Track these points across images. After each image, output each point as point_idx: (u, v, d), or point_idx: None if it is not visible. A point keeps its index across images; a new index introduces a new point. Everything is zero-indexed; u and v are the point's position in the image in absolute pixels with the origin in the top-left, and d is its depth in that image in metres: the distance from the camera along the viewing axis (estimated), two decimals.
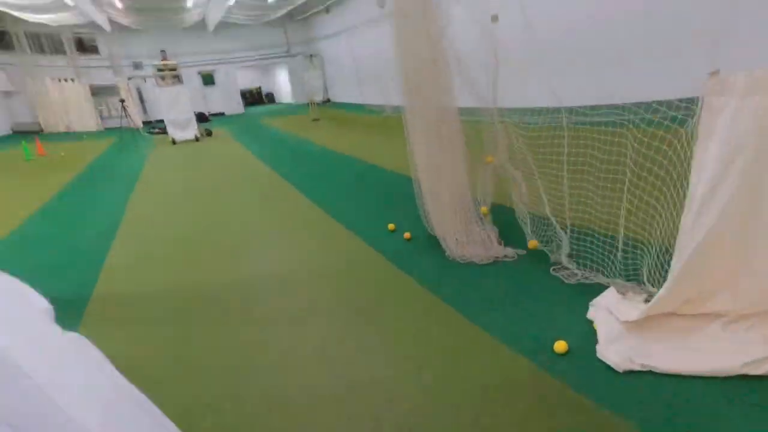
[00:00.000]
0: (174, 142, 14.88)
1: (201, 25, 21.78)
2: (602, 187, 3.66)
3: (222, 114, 24.79)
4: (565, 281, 3.50)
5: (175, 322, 3.76)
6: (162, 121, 16.01)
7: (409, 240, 4.84)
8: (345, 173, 8.64)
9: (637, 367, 2.47)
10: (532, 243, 4.16)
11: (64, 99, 20.23)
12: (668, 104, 2.77)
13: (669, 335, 2.65)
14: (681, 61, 7.07)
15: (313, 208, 6.47)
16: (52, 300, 1.51)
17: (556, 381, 2.49)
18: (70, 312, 3.88)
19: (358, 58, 18.51)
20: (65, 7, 14.87)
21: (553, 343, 2.72)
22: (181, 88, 14.96)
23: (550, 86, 3.66)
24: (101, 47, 21.72)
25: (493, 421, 2.28)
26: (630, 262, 3.30)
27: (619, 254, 3.36)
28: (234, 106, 25.22)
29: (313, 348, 3.17)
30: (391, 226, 5.20)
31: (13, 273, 1.40)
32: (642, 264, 3.18)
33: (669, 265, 2.71)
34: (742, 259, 2.49)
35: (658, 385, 2.34)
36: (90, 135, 19.18)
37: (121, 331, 3.65)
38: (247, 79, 28.41)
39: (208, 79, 24.76)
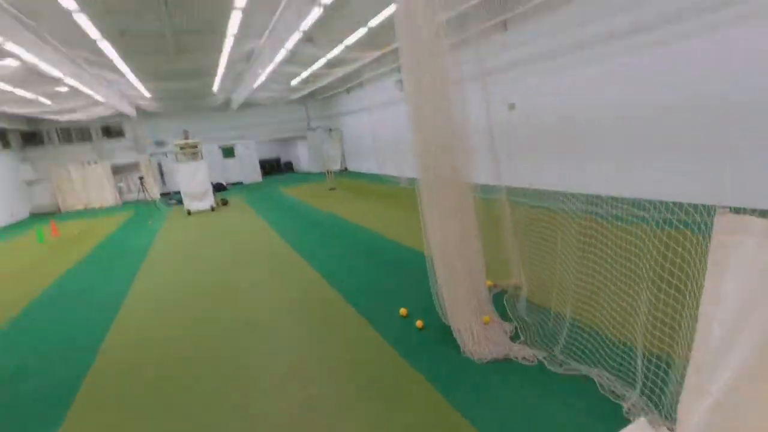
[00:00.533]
0: (189, 213, 15.05)
1: (225, 105, 22.70)
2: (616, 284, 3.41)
3: (240, 183, 25.31)
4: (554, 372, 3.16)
5: (176, 397, 3.47)
6: (179, 192, 16.29)
7: (421, 329, 4.55)
8: (358, 246, 8.46)
9: None
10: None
11: (84, 179, 20.94)
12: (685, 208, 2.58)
13: None
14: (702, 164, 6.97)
15: (325, 287, 6.25)
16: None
17: None
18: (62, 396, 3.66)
19: (377, 132, 18.98)
20: (96, 104, 15.66)
21: None
22: (199, 164, 15.32)
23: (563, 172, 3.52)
24: (126, 131, 22.69)
25: None
26: (651, 377, 2.97)
27: (639, 362, 3.03)
28: (252, 175, 25.79)
29: None
30: (403, 311, 4.95)
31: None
32: (666, 385, 2.84)
33: None
34: None
35: None
36: (108, 210, 19.62)
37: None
38: (267, 150, 29.20)
39: (228, 152, 25.51)
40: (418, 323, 4.61)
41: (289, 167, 30.19)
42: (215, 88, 17.53)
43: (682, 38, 7.23)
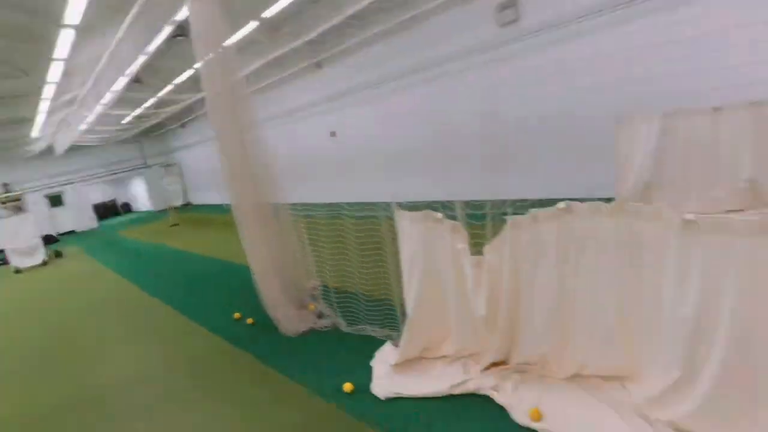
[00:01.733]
0: (18, 271, 14.17)
1: (48, 150, 21.18)
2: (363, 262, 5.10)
3: (73, 231, 23.63)
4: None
5: None
6: (2, 251, 15.13)
7: (252, 324, 5.81)
8: (198, 271, 9.50)
9: (392, 395, 3.75)
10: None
11: None
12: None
13: (414, 372, 4.01)
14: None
15: (169, 311, 7.20)
16: None
17: (348, 415, 3.61)
18: None
19: (215, 164, 19.49)
20: None
21: (342, 385, 3.92)
22: (24, 216, 14.56)
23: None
24: None
25: None
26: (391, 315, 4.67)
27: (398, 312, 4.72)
28: (86, 221, 24.19)
29: (181, 423, 4.05)
30: (236, 314, 6.15)
31: None
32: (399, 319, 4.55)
33: None
34: (446, 323, 3.95)
35: (404, 405, 3.62)
36: None
37: None
38: (101, 193, 27.62)
39: (55, 201, 23.66)
40: (249, 320, 5.89)
41: (126, 208, 28.83)
42: (34, 134, 16.63)
43: (457, 74, 9.67)
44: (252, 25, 9.97)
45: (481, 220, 3.80)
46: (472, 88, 9.49)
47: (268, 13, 9.66)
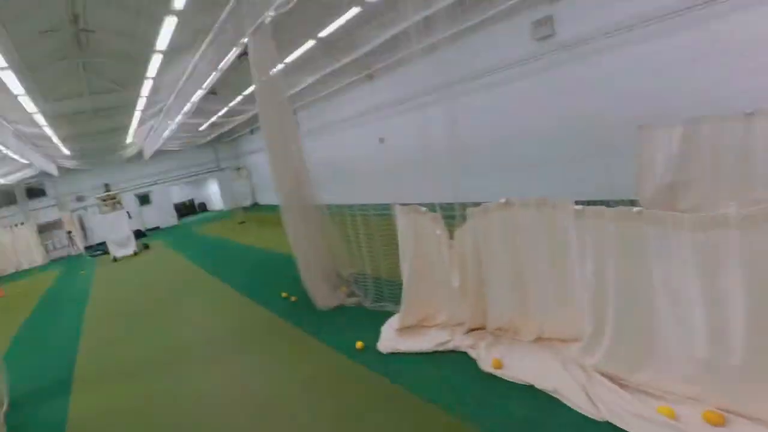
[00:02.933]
0: (115, 259, 16.50)
1: (138, 155, 24.11)
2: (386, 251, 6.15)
3: (158, 228, 26.49)
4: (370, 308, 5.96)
5: (133, 379, 5.71)
6: (102, 243, 17.61)
7: (295, 301, 7.04)
8: (256, 260, 11.12)
9: (390, 351, 4.78)
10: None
11: (14, 242, 21.29)
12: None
13: (412, 335, 5.00)
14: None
15: (228, 289, 8.74)
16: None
17: (355, 363, 4.71)
18: (62, 388, 5.81)
19: None
20: (22, 166, 16.76)
21: (355, 343, 4.99)
22: (121, 213, 16.94)
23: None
24: (48, 189, 23.39)
25: (322, 382, 4.55)
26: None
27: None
28: (169, 219, 27.09)
29: (228, 372, 5.32)
30: (284, 293, 7.44)
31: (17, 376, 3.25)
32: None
33: None
34: (437, 297, 4.92)
35: (399, 358, 4.62)
36: (39, 269, 20.20)
37: (100, 393, 5.56)
38: (181, 194, 30.60)
39: (144, 200, 26.68)
40: (293, 298, 7.13)
41: (203, 207, 31.62)
42: (128, 140, 19.12)
43: (493, 86, 10.47)
44: (309, 43, 11.30)
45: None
46: (507, 100, 10.23)
47: (323, 33, 10.93)
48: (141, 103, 13.16)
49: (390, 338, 4.99)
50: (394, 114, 13.82)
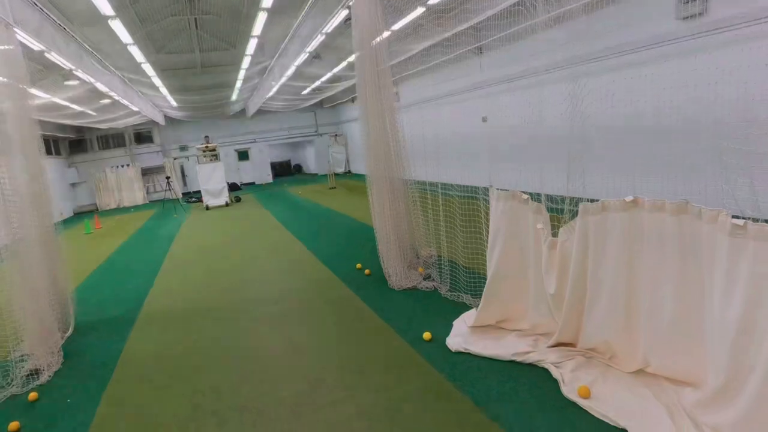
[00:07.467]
0: (207, 208, 17.37)
1: (241, 113, 25.20)
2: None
3: (253, 183, 27.70)
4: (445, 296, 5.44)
5: (194, 324, 5.73)
6: (198, 191, 18.62)
7: (368, 275, 6.69)
8: (338, 227, 11.12)
9: (461, 350, 4.23)
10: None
11: (118, 180, 23.50)
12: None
13: (487, 336, 4.40)
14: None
15: (308, 253, 8.59)
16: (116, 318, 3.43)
17: (417, 353, 4.26)
18: (126, 323, 5.97)
19: None
20: (133, 114, 18.12)
21: (422, 333, 4.52)
22: (217, 164, 17.74)
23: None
24: (155, 137, 25.36)
25: (374, 367, 4.15)
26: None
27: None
28: (264, 176, 28.22)
29: (288, 332, 5.14)
30: (358, 265, 7.15)
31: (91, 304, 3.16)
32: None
33: None
34: (524, 299, 4.27)
35: (468, 359, 4.07)
36: (137, 208, 22.12)
37: (158, 332, 5.64)
38: (279, 154, 31.67)
39: (243, 155, 27.95)
40: (366, 271, 6.79)
41: (298, 169, 32.52)
42: (233, 98, 19.85)
43: (607, 70, 9.28)
44: (419, 11, 10.67)
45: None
46: (639, 85, 8.93)
47: (433, 0, 10.25)
48: (246, 62, 13.37)
49: (461, 335, 4.44)
50: (501, 92, 12.87)
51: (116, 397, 4.16)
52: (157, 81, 13.86)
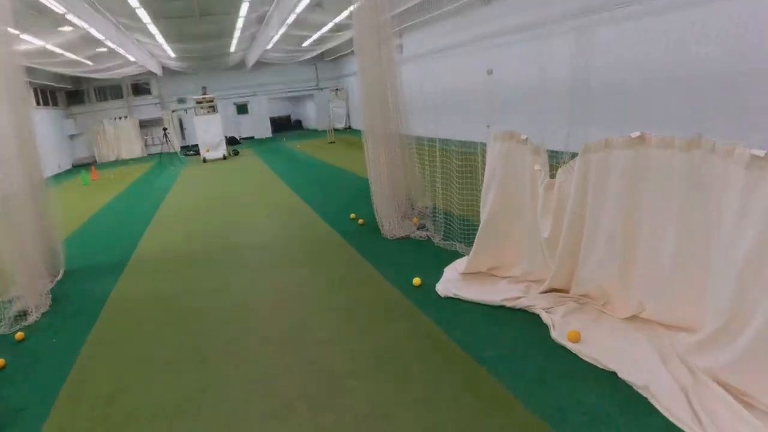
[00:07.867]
0: (205, 160, 17.14)
1: (240, 64, 24.48)
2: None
3: (252, 137, 27.28)
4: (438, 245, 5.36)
5: (183, 270, 5.63)
6: (196, 144, 18.37)
7: (362, 225, 6.59)
8: (334, 179, 11.08)
9: (451, 295, 4.14)
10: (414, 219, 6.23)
11: (116, 132, 23.14)
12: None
13: (478, 282, 4.30)
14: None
15: (302, 204, 8.53)
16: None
17: (406, 298, 4.18)
18: (116, 269, 5.89)
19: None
20: (129, 63, 17.57)
21: (413, 279, 4.42)
22: (214, 116, 17.39)
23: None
24: (152, 88, 24.80)
25: (362, 311, 4.08)
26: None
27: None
28: (263, 131, 27.76)
29: (278, 278, 5.08)
30: (352, 215, 7.04)
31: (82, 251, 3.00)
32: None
33: None
34: (517, 244, 4.12)
35: (458, 305, 3.98)
36: (135, 160, 21.88)
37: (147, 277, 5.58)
38: (278, 108, 31.05)
39: (242, 109, 27.39)
40: (360, 221, 6.67)
41: (298, 124, 31.98)
42: (232, 48, 19.24)
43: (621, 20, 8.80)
44: None
45: None
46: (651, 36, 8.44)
47: None
48: (244, 9, 12.80)
49: (452, 281, 4.34)
50: (507, 44, 12.35)
51: (101, 338, 4.12)
52: (153, 29, 13.34)
